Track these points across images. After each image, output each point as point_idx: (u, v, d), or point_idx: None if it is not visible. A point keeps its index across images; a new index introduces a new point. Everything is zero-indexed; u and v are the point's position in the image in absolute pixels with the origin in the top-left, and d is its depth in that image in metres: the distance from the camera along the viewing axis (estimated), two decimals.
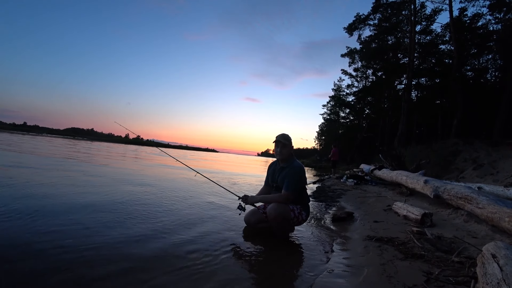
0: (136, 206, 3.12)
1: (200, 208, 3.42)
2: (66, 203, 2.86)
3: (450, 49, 19.72)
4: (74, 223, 2.25)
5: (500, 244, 1.52)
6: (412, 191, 5.29)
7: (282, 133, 2.65)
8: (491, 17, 16.76)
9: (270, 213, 2.41)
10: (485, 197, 2.95)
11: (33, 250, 1.69)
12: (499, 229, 2.58)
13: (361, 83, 32.02)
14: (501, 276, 1.21)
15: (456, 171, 8.75)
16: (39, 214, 2.37)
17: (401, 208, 3.61)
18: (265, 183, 2.87)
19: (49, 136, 48.14)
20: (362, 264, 1.95)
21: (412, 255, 2.05)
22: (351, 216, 3.71)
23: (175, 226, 2.53)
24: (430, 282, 1.60)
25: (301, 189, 2.62)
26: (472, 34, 17.85)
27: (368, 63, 26.99)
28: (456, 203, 3.41)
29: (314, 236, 2.75)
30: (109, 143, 39.60)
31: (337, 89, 35.81)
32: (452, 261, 1.92)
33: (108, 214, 2.64)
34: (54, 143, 18.10)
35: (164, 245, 2.02)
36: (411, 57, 18.28)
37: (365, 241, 2.49)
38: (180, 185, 5.31)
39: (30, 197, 2.93)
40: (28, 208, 2.48)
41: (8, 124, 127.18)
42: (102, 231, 2.16)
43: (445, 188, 3.83)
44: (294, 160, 2.62)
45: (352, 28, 22.04)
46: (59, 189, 3.54)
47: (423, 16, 20.09)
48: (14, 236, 1.86)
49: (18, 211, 2.39)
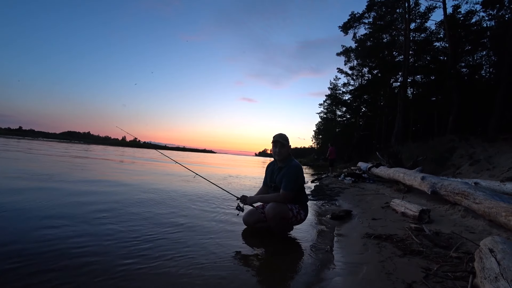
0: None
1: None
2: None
3: (444, 46, 19.86)
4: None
5: (497, 239, 1.53)
6: (410, 188, 5.32)
7: (280, 133, 2.65)
8: (485, 14, 16.86)
9: (269, 213, 2.41)
10: (481, 192, 2.97)
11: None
12: (496, 223, 2.60)
13: (357, 81, 32.14)
14: (499, 270, 1.21)
15: (453, 167, 8.82)
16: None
17: (399, 205, 3.63)
18: (264, 183, 2.87)
19: (45, 140, 47.80)
20: (361, 262, 1.95)
21: (410, 251, 2.06)
22: (349, 214, 3.72)
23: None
24: (429, 278, 1.60)
25: (299, 188, 2.61)
26: (466, 31, 17.97)
27: (363, 61, 27.11)
28: (453, 199, 3.43)
29: (313, 235, 2.75)
30: (105, 146, 39.41)
31: (333, 87, 35.89)
32: (450, 256, 1.93)
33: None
34: (54, 150, 17.96)
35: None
36: (406, 55, 18.39)
37: (364, 238, 2.50)
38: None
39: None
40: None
41: (3, 128, 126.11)
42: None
43: (442, 184, 3.85)
44: (292, 159, 2.62)
45: (347, 27, 22.09)
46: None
47: (418, 14, 20.23)
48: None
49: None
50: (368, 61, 25.72)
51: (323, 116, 40.17)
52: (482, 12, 16.77)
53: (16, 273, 1.46)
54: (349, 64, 30.78)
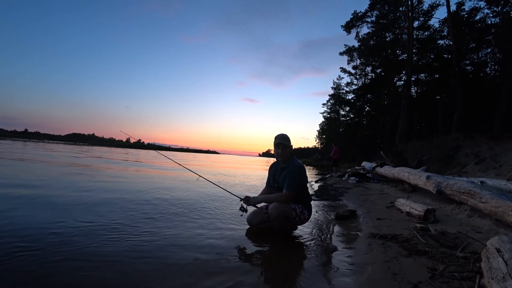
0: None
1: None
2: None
3: (448, 44, 19.68)
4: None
5: (505, 238, 1.52)
6: (415, 188, 5.27)
7: (281, 134, 2.65)
8: (489, 11, 16.69)
9: (272, 213, 2.42)
10: (488, 191, 2.93)
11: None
12: (503, 223, 2.57)
13: (360, 80, 31.95)
14: (507, 270, 1.20)
15: (458, 166, 8.73)
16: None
17: (404, 205, 3.60)
18: (267, 184, 2.88)
19: (51, 142, 48.30)
20: (366, 262, 1.95)
21: (416, 251, 2.05)
22: (354, 214, 3.71)
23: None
24: (435, 278, 1.59)
25: (302, 188, 2.61)
26: (470, 28, 17.79)
27: (366, 60, 26.98)
28: (459, 198, 3.40)
29: (317, 235, 2.74)
30: (111, 148, 39.72)
31: (336, 87, 35.77)
32: (456, 256, 1.92)
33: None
34: (61, 153, 18.13)
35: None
36: (409, 53, 18.25)
37: (369, 238, 2.49)
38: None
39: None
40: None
41: (9, 131, 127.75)
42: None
43: (448, 183, 3.81)
44: (294, 159, 2.62)
45: (350, 26, 22.04)
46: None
47: (421, 12, 20.09)
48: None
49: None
50: (371, 60, 25.60)
51: (326, 116, 40.03)
52: (486, 9, 16.62)
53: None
54: (352, 63, 30.72)
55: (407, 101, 17.70)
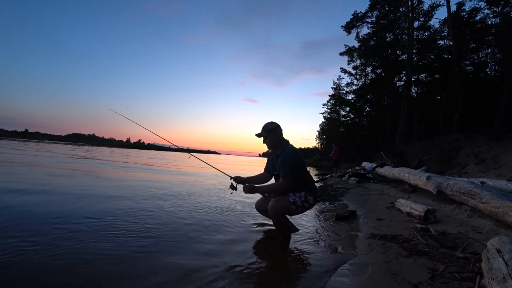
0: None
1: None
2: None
3: (448, 44, 19.68)
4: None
5: (505, 239, 1.51)
6: (415, 188, 5.27)
7: (263, 125, 2.61)
8: (489, 11, 16.72)
9: (270, 211, 2.42)
10: (488, 191, 2.93)
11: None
12: (503, 223, 2.56)
13: (360, 81, 31.91)
14: (507, 271, 1.20)
15: (459, 166, 8.72)
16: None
17: (404, 205, 3.60)
18: (265, 170, 2.82)
19: (51, 142, 48.35)
20: (367, 262, 1.94)
21: (416, 252, 2.04)
22: (354, 215, 3.70)
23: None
24: (435, 279, 1.59)
25: (300, 173, 2.51)
26: (471, 28, 17.80)
27: (367, 60, 26.94)
28: (459, 198, 3.39)
29: (317, 235, 2.73)
30: (111, 148, 39.72)
31: (336, 87, 35.73)
32: (457, 257, 1.91)
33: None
34: (64, 155, 18.12)
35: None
36: (410, 54, 18.23)
37: (369, 239, 2.48)
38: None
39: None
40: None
41: (9, 131, 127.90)
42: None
43: (448, 183, 3.81)
44: (286, 145, 2.56)
45: (350, 26, 22.03)
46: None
47: (421, 12, 20.11)
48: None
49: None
50: (371, 61, 25.56)
51: (326, 116, 39.99)
52: (486, 9, 16.64)
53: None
54: (352, 64, 30.62)
55: (407, 102, 17.69)
